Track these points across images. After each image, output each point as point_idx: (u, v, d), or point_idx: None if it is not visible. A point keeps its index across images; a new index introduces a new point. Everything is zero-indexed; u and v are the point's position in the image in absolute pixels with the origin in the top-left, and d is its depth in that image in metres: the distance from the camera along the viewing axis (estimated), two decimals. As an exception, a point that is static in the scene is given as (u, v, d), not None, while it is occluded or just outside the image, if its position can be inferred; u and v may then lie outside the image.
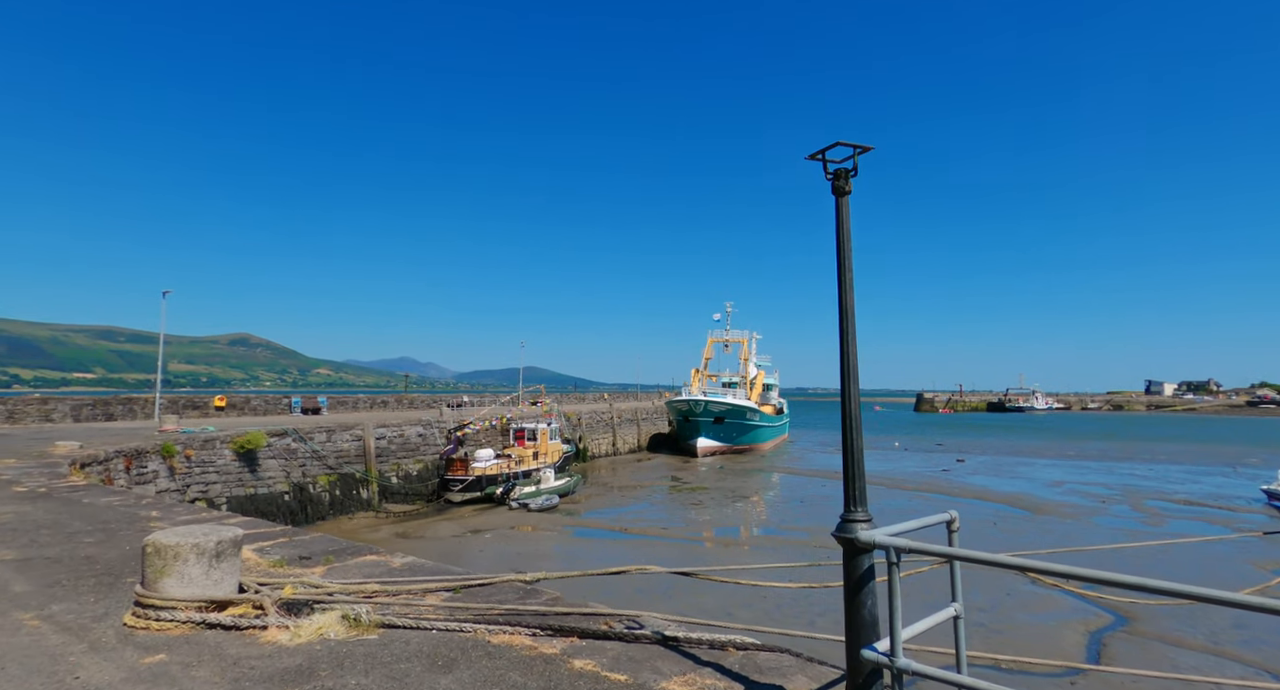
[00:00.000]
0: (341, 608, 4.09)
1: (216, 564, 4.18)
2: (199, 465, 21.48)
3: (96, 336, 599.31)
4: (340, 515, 27.26)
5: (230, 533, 4.31)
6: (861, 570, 3.14)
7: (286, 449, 25.73)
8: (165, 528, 7.38)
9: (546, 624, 4.03)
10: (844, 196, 3.17)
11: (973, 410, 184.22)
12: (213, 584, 4.17)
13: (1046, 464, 50.23)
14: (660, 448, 61.47)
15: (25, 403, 26.15)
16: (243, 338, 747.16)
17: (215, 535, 4.21)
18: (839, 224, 3.17)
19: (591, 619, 4.23)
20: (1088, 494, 34.83)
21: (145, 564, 4.13)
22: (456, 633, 3.95)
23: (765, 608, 15.95)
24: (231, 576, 4.29)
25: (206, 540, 4.14)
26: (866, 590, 3.13)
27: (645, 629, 3.99)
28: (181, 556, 4.07)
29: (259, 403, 36.31)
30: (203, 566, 4.13)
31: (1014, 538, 24.17)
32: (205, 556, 4.13)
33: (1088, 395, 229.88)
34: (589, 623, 4.14)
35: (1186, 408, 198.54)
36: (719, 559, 21.40)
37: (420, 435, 33.18)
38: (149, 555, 4.10)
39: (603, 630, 3.93)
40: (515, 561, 20.75)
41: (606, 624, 4.11)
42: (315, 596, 4.42)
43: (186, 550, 4.07)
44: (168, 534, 4.19)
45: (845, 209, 3.17)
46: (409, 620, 4.06)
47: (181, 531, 4.26)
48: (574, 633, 3.92)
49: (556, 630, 3.96)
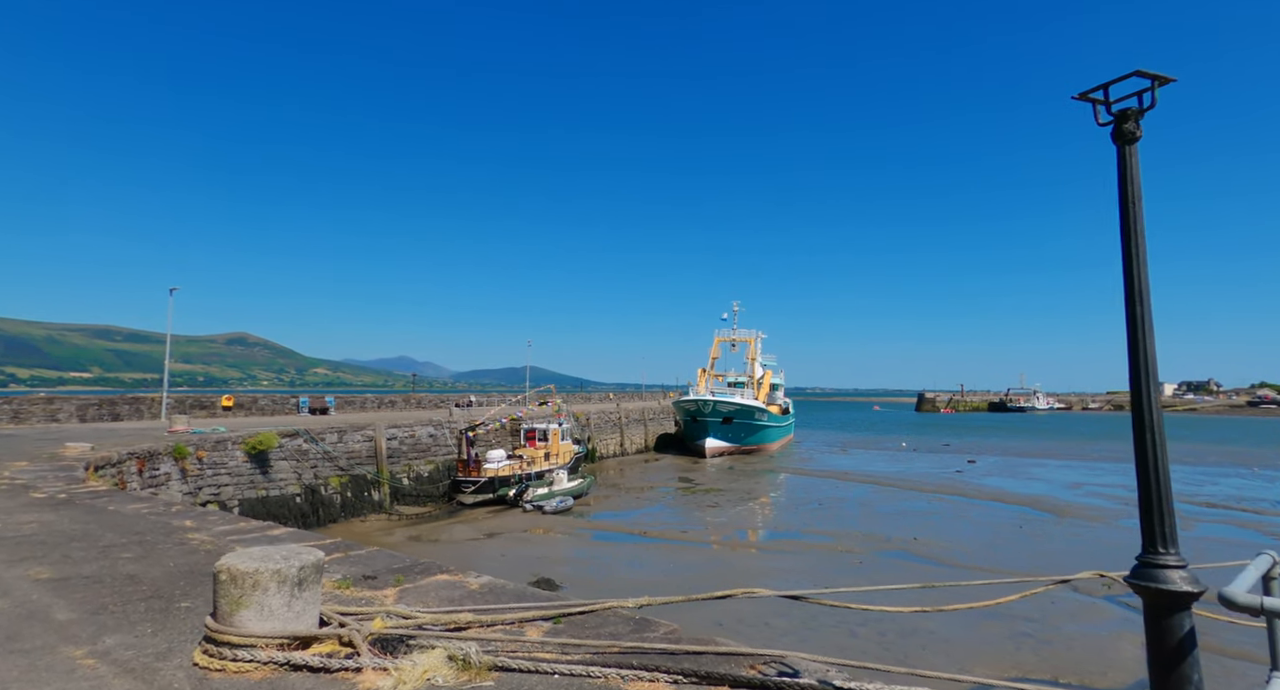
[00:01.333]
0: (443, 645, 3.55)
1: (299, 593, 3.63)
2: (211, 467, 20.91)
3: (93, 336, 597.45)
4: (352, 517, 26.69)
5: (312, 556, 3.76)
6: (1182, 633, 2.53)
7: (298, 450, 25.17)
8: (201, 536, 6.83)
9: (683, 668, 3.48)
10: (1132, 145, 2.58)
11: (974, 410, 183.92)
12: (294, 617, 3.62)
13: (1059, 465, 49.79)
14: (668, 448, 60.92)
15: (31, 402, 25.55)
16: (240, 337, 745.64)
17: (296, 559, 3.65)
18: (1126, 183, 2.59)
19: (731, 661, 3.68)
20: (1108, 496, 34.33)
21: (218, 593, 3.57)
22: (584, 678, 3.40)
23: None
24: (313, 607, 3.74)
25: (288, 566, 3.58)
26: (1191, 660, 2.50)
27: (803, 676, 3.44)
28: (261, 585, 3.52)
29: (266, 402, 35.71)
30: (284, 597, 3.58)
31: (1041, 542, 23.66)
32: (287, 585, 3.58)
33: (1088, 395, 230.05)
34: (730, 666, 3.60)
35: (1187, 408, 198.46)
36: (746, 565, 20.85)
37: (431, 436, 32.62)
38: (223, 584, 3.55)
39: (753, 678, 3.38)
40: (536, 566, 20.21)
41: (753, 668, 3.57)
42: (406, 630, 3.87)
43: (267, 578, 3.52)
44: (241, 558, 3.64)
45: (1134, 162, 2.58)
46: (523, 661, 3.51)
47: (257, 555, 3.70)
48: (722, 681, 3.38)
49: (701, 677, 3.41)
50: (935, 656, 12.76)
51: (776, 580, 18.66)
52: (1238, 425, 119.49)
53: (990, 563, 20.53)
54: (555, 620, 4.26)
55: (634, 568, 20.36)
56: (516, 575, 19.36)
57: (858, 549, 22.45)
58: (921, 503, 32.03)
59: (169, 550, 6.19)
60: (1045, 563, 20.54)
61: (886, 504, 31.63)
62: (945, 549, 22.33)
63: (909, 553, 21.93)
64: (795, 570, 19.78)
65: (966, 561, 20.70)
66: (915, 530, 25.40)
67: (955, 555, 21.46)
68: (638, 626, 4.25)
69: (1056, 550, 22.40)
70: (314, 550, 3.90)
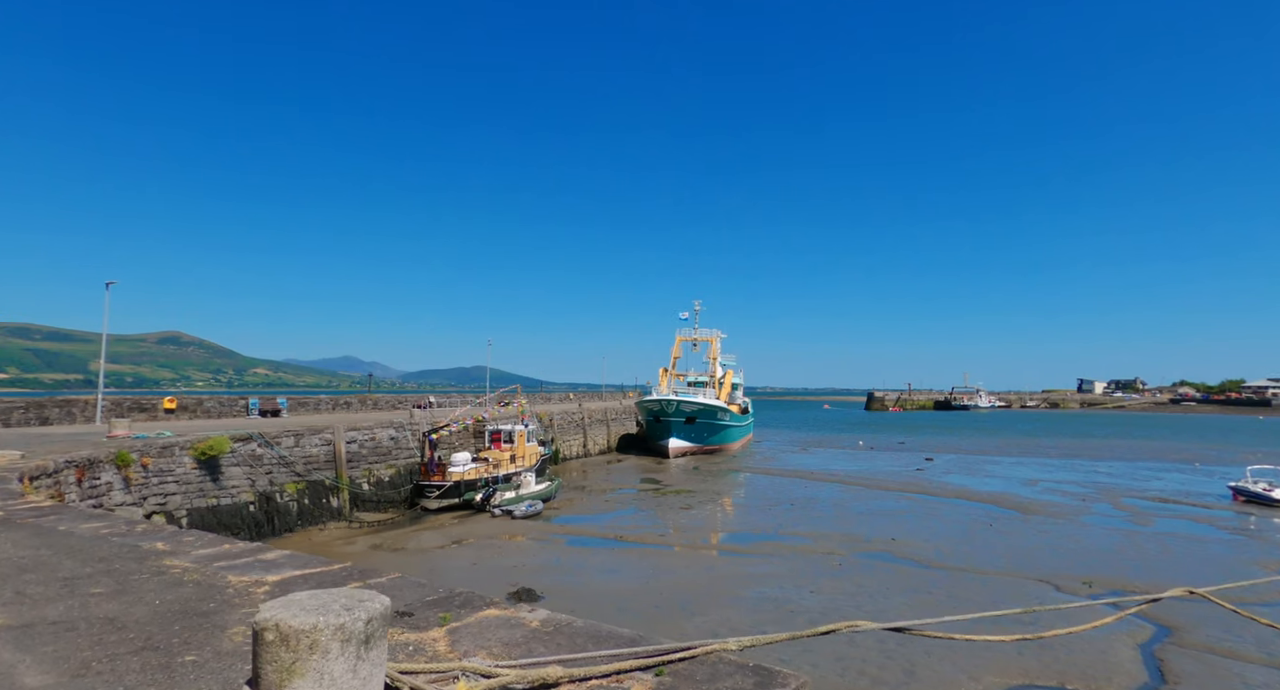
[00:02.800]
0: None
1: (365, 654, 2.85)
2: (156, 475, 19.29)
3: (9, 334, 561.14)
4: (310, 526, 25.20)
5: (376, 604, 2.98)
6: None
7: (251, 455, 23.59)
8: (180, 561, 5.87)
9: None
10: None
11: (921, 408, 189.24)
12: (360, 684, 2.85)
13: (1013, 462, 51.18)
14: (630, 448, 60.34)
15: (-54, 406, 23.24)
16: (173, 336, 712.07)
17: (361, 609, 2.88)
18: None
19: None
20: (1066, 493, 35.31)
21: (263, 658, 2.77)
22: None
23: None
24: (380, 671, 2.97)
25: (352, 619, 2.81)
26: None
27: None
28: (320, 647, 2.73)
29: (213, 405, 33.56)
30: (348, 660, 2.80)
31: (1015, 540, 23.96)
32: (352, 645, 2.80)
33: (1026, 393, 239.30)
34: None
35: (1116, 405, 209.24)
36: (729, 570, 20.35)
37: (392, 439, 31.21)
38: (270, 645, 2.75)
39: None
40: (512, 575, 19.34)
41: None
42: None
43: (328, 637, 2.74)
44: (290, 609, 2.85)
45: None
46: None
47: (306, 603, 2.92)
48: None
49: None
50: (942, 665, 12.50)
51: (761, 585, 18.28)
52: (1164, 421, 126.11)
53: (970, 562, 20.62)
54: (658, 671, 3.58)
55: (614, 575, 19.67)
56: (493, 586, 18.43)
57: (838, 550, 22.28)
58: (890, 502, 32.26)
59: (147, 582, 5.24)
60: (1024, 561, 20.76)
61: (858, 503, 31.74)
62: (924, 549, 22.37)
63: (890, 554, 21.86)
64: (779, 574, 19.42)
65: (947, 562, 20.73)
66: (891, 530, 25.45)
67: (935, 555, 21.50)
68: (761, 681, 3.60)
69: (1030, 547, 22.68)
70: (372, 593, 3.13)
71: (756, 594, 17.36)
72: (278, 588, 5.19)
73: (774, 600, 16.84)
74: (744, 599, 16.96)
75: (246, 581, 5.32)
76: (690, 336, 68.34)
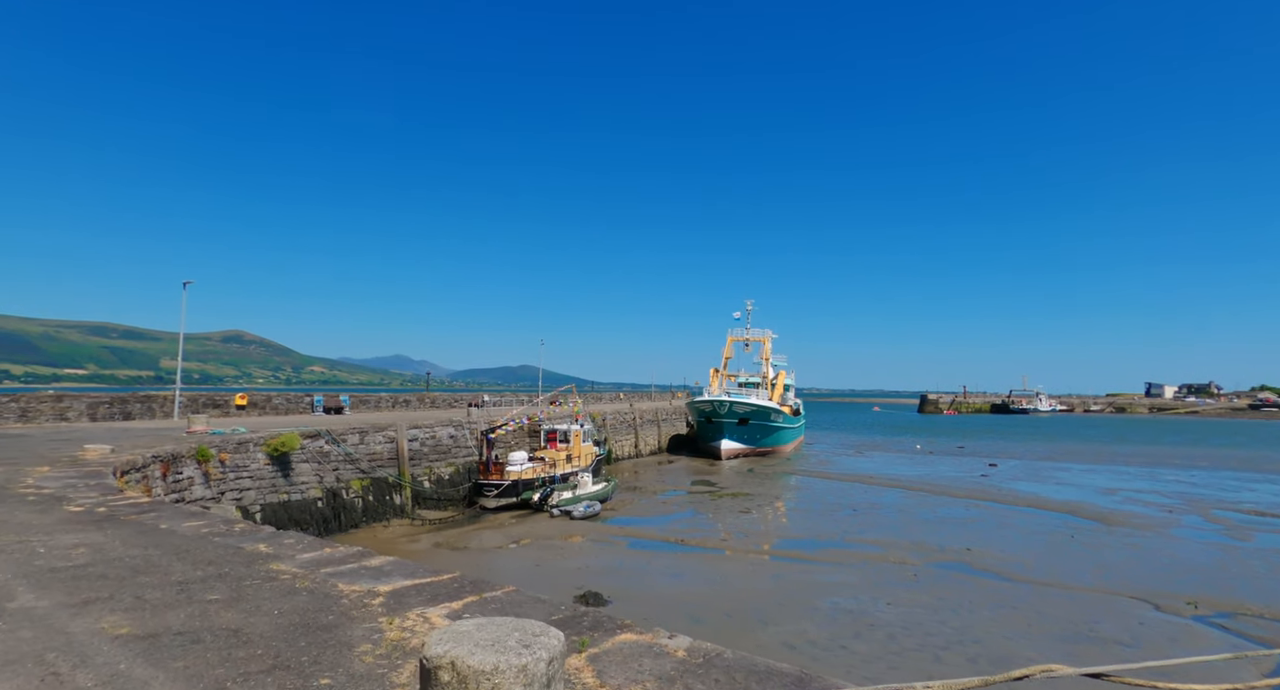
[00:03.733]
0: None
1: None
2: (233, 470, 19.76)
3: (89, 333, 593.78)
4: (374, 522, 25.56)
5: (552, 639, 2.67)
6: None
7: (319, 451, 24.03)
8: (288, 567, 5.72)
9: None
10: None
11: (976, 412, 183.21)
12: (541, 730, 2.53)
13: (1084, 469, 48.81)
14: (680, 449, 59.86)
15: (39, 400, 24.29)
16: (236, 334, 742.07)
17: (540, 648, 2.56)
18: None
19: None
20: (1147, 503, 33.37)
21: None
22: None
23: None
24: (557, 711, 2.64)
25: (534, 660, 2.49)
26: None
27: None
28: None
29: (280, 401, 34.50)
30: (529, 703, 2.48)
31: (1100, 553, 22.61)
32: (535, 686, 2.49)
33: (1089, 397, 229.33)
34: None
35: (1189, 410, 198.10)
36: (798, 577, 19.70)
37: (452, 437, 31.49)
38: (445, 685, 2.46)
39: None
40: (576, 578, 19.11)
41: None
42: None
43: (510, 679, 2.43)
44: (461, 642, 2.55)
45: None
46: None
47: (478, 635, 2.61)
48: None
49: None
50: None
51: (834, 595, 17.61)
52: (1243, 428, 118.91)
53: (1055, 576, 19.51)
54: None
55: (678, 580, 19.26)
56: (558, 589, 18.21)
57: (910, 560, 21.41)
58: (959, 509, 31.02)
59: (261, 590, 5.09)
60: (1115, 577, 19.54)
61: (923, 510, 30.60)
62: (1003, 561, 21.30)
63: (966, 565, 20.89)
64: (850, 584, 18.70)
65: (1030, 575, 19.66)
66: (964, 539, 24.37)
67: (1015, 568, 20.42)
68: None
69: (1119, 561, 21.36)
70: (542, 626, 2.81)
71: (830, 604, 16.73)
72: (391, 598, 4.97)
73: (849, 612, 16.18)
74: (818, 609, 16.35)
75: (359, 591, 5.11)
76: (742, 336, 67.41)
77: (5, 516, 7.78)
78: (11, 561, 5.78)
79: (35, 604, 4.69)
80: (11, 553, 6.05)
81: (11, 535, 6.78)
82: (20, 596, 4.86)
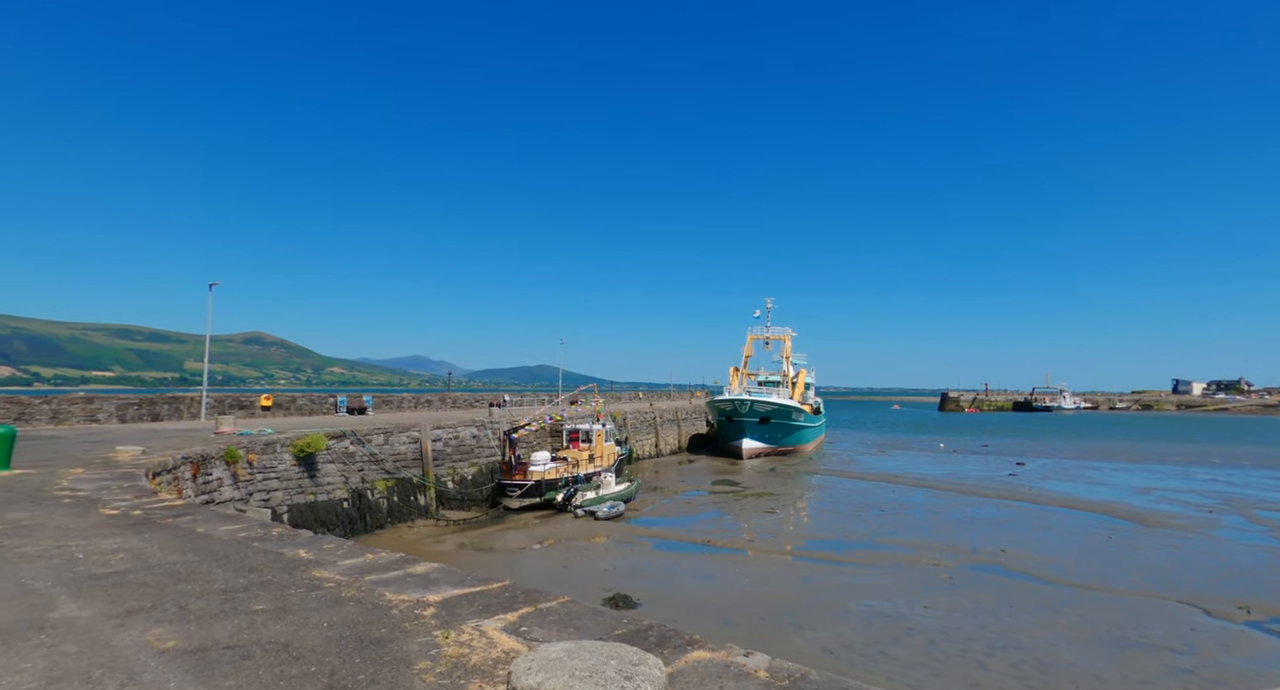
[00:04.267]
0: None
1: (646, 732, 2.27)
2: (260, 471, 19.77)
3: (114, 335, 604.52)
4: (399, 523, 25.54)
5: (655, 670, 2.40)
6: None
7: (344, 452, 24.03)
8: (331, 575, 5.51)
9: None
10: None
11: (999, 410, 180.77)
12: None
13: (1115, 468, 47.79)
14: (700, 449, 59.52)
15: (70, 402, 24.57)
16: (257, 336, 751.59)
17: (645, 681, 2.30)
18: None
19: None
20: (1185, 503, 32.53)
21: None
22: None
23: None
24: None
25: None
26: None
27: None
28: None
29: (304, 402, 34.67)
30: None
31: (1141, 555, 22.00)
32: (640, 724, 2.23)
33: (1115, 394, 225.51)
34: None
35: (1218, 407, 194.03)
36: (829, 579, 19.33)
37: (474, 437, 31.42)
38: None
39: None
40: (605, 580, 18.88)
41: None
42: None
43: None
44: (554, 675, 2.28)
45: None
46: None
47: (572, 665, 2.35)
48: None
49: None
50: (1098, 696, 11.28)
51: (868, 598, 17.23)
52: (1276, 426, 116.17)
53: (1097, 579, 18.97)
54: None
55: (708, 582, 18.96)
56: (586, 591, 17.96)
57: (944, 561, 20.95)
58: (989, 509, 30.41)
59: (306, 599, 4.88)
60: (1159, 580, 18.96)
61: (953, 510, 30.04)
62: (1040, 563, 20.77)
63: (1002, 567, 20.40)
64: (884, 586, 18.30)
65: (1069, 578, 19.14)
66: (997, 540, 23.85)
67: (1054, 570, 19.90)
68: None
69: (1162, 564, 20.74)
70: (638, 652, 2.55)
71: (864, 607, 16.35)
72: (443, 609, 4.73)
73: (885, 615, 15.79)
74: (852, 613, 15.98)
75: (408, 601, 4.88)
76: (762, 335, 66.89)
77: (43, 519, 7.70)
78: (51, 568, 5.65)
79: (78, 614, 4.52)
80: (50, 559, 5.92)
81: (50, 540, 6.67)
82: (62, 606, 4.69)
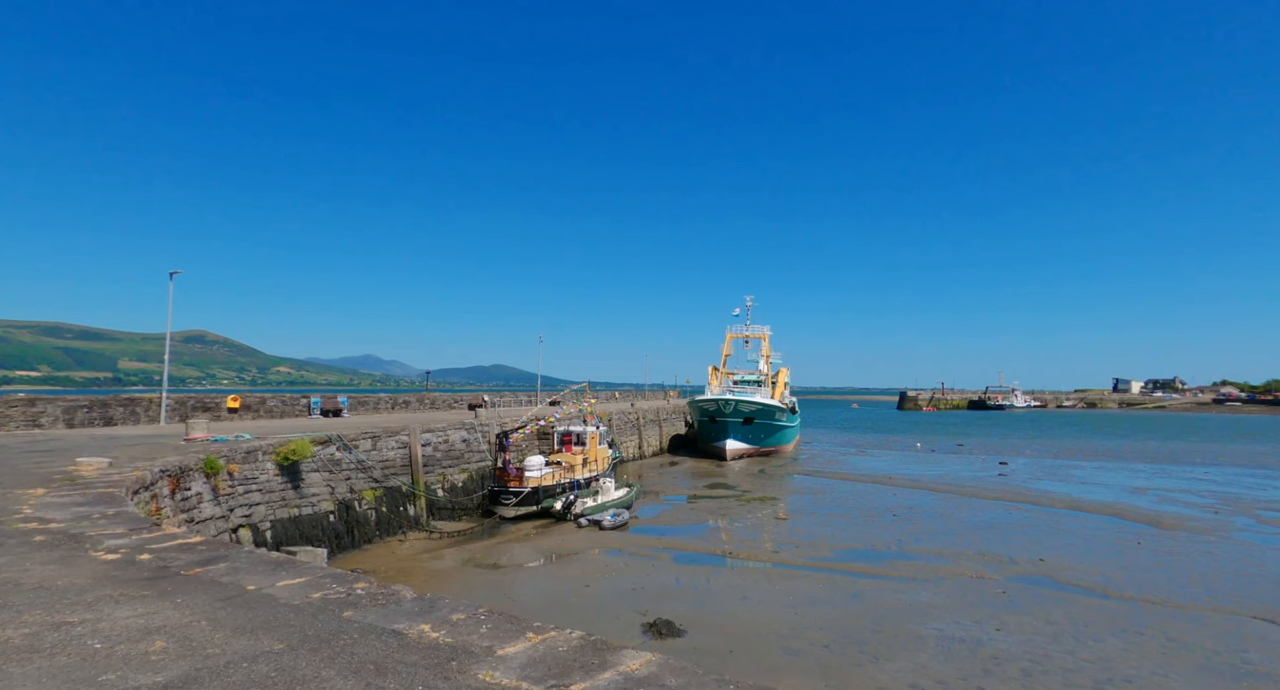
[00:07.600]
0: None
1: None
2: (241, 483, 17.31)
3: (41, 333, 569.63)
4: (389, 536, 23.18)
5: None
6: None
7: (330, 459, 21.61)
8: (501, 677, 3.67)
9: None
10: None
11: (954, 408, 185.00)
12: None
13: (1096, 467, 48.17)
14: (680, 450, 58.07)
15: (8, 404, 21.36)
16: (198, 334, 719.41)
17: None
18: None
19: None
20: (1186, 503, 32.47)
21: None
22: None
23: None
24: None
25: None
26: None
27: None
28: None
29: (275, 403, 31.72)
30: None
31: (1179, 561, 21.30)
32: None
33: (1061, 393, 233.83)
34: None
35: (1157, 405, 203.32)
36: (878, 597, 17.89)
37: (464, 440, 29.17)
38: None
39: None
40: (636, 601, 17.04)
41: None
42: None
43: None
44: None
45: None
46: None
47: None
48: None
49: None
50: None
51: (932, 619, 15.77)
52: (1216, 423, 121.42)
53: (1155, 592, 18.02)
54: None
55: (749, 602, 17.25)
56: (620, 616, 15.99)
57: (987, 574, 19.79)
58: (1000, 513, 29.66)
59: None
60: (1216, 591, 18.13)
61: (964, 514, 29.19)
62: (1083, 572, 19.81)
63: (1049, 579, 19.33)
64: (941, 605, 16.94)
65: (1124, 590, 18.13)
66: (1023, 547, 22.94)
67: (1105, 582, 18.91)
68: None
69: (1208, 572, 19.99)
70: None
71: (934, 632, 14.94)
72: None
73: (960, 640, 14.42)
74: (924, 639, 14.56)
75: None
76: (741, 333, 65.83)
77: (15, 573, 5.48)
78: (63, 678, 3.58)
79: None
80: (54, 654, 3.83)
81: (39, 612, 4.53)
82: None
